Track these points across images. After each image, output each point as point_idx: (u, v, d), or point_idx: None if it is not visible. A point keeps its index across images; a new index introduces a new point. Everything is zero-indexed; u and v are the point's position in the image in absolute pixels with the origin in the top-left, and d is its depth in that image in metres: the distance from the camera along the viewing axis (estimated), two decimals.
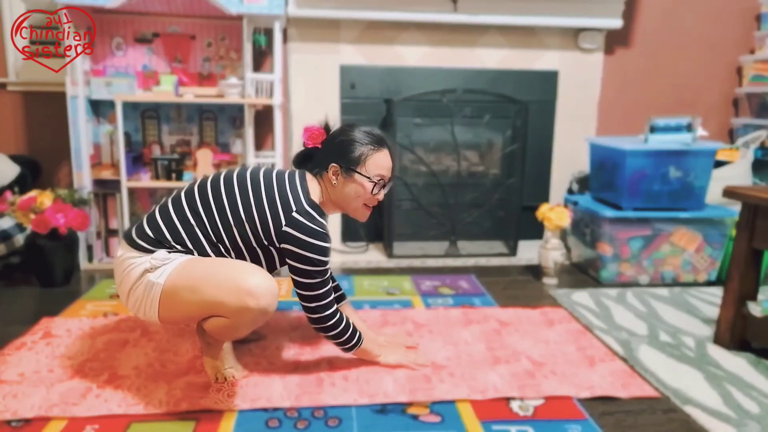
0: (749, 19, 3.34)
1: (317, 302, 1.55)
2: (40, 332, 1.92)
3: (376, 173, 1.60)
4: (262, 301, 1.41)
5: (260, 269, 1.48)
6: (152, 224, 1.53)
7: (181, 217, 1.52)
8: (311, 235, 1.49)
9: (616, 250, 2.54)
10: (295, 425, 1.42)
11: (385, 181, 1.62)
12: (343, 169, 1.58)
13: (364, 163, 1.58)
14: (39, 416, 1.42)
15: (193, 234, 1.51)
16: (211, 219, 1.52)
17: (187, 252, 1.51)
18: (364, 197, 1.62)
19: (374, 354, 1.70)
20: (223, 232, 1.52)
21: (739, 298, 1.89)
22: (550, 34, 3.10)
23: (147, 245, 1.49)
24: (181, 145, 2.91)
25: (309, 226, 1.49)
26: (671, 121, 2.54)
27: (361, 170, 1.58)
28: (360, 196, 1.61)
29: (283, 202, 1.51)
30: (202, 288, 1.43)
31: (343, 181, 1.60)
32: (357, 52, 3.00)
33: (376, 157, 1.59)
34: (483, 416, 1.47)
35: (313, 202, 1.54)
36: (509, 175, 3.00)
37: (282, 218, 1.50)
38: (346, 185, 1.60)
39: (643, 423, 1.48)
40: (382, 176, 1.61)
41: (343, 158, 1.58)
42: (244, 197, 1.52)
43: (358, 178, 1.58)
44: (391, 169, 1.64)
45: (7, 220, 2.52)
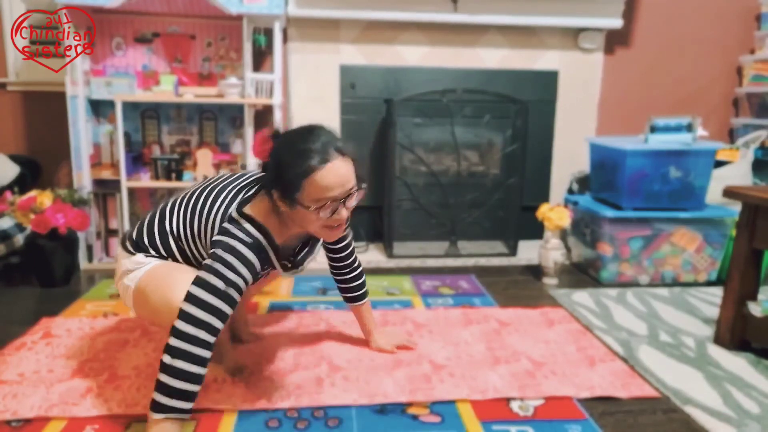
0: (749, 19, 3.34)
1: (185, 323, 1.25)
2: (40, 332, 1.92)
3: (317, 198, 1.27)
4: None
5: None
6: (138, 228, 1.53)
7: (159, 223, 1.48)
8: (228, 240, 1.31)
9: (616, 250, 2.54)
10: (295, 425, 1.42)
11: (335, 202, 1.29)
12: (282, 198, 1.30)
13: (301, 190, 1.26)
14: (39, 416, 1.42)
15: (166, 241, 1.45)
16: (179, 227, 1.44)
17: (161, 257, 1.47)
18: (316, 222, 1.32)
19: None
20: (186, 242, 1.44)
21: (740, 298, 1.89)
22: (550, 34, 3.10)
23: (131, 247, 1.49)
24: (181, 145, 2.91)
25: (229, 231, 1.32)
26: (671, 121, 2.54)
27: (299, 197, 1.27)
28: (309, 222, 1.32)
29: (223, 213, 1.36)
30: (151, 296, 1.37)
31: (288, 207, 1.31)
32: (357, 52, 3.00)
33: (315, 179, 1.25)
34: (483, 416, 1.47)
35: (245, 214, 1.35)
36: (509, 175, 3.00)
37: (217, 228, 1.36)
38: (292, 212, 1.32)
39: (643, 423, 1.48)
40: (329, 199, 1.28)
41: (278, 183, 1.29)
42: (202, 207, 1.41)
43: (301, 210, 1.30)
44: (347, 184, 1.30)
45: (7, 220, 2.52)
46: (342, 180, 1.28)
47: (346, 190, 1.30)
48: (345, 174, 1.29)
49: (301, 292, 2.38)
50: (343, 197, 1.30)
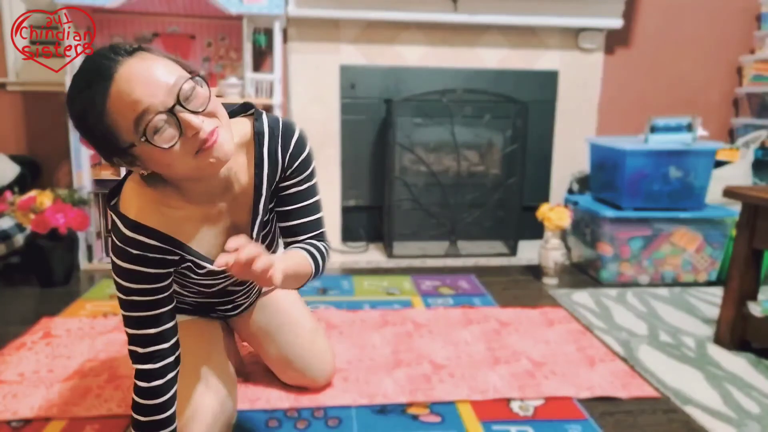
0: (749, 19, 3.34)
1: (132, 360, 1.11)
2: (40, 332, 1.92)
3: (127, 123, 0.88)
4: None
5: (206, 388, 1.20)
6: None
7: None
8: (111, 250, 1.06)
9: (616, 250, 2.54)
10: (295, 425, 1.42)
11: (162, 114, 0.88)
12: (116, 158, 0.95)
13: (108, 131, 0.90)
14: (39, 416, 1.42)
15: None
16: None
17: None
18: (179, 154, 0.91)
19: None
20: None
21: (740, 298, 1.89)
22: (550, 34, 3.10)
23: None
24: None
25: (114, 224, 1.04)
26: (671, 121, 2.54)
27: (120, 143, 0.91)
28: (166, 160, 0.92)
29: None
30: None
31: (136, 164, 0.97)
32: (357, 52, 3.00)
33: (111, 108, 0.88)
34: (483, 416, 1.47)
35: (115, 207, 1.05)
36: (509, 175, 3.00)
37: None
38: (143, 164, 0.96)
39: (643, 423, 1.48)
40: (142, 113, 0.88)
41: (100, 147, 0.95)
42: None
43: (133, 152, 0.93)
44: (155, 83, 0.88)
45: (7, 220, 2.51)
46: (146, 81, 0.88)
47: (167, 89, 0.89)
48: (146, 73, 0.88)
49: (301, 292, 2.38)
50: (171, 102, 0.89)
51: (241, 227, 1.15)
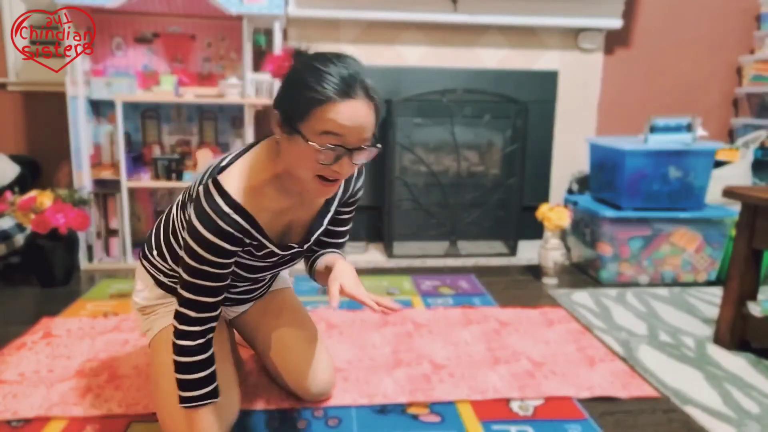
0: (749, 19, 3.34)
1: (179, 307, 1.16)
2: (40, 332, 1.92)
3: (323, 130, 1.03)
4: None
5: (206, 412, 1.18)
6: (149, 234, 1.42)
7: (165, 221, 1.35)
8: (197, 215, 1.10)
9: (616, 250, 2.54)
10: (295, 425, 1.42)
11: (342, 145, 1.04)
12: (284, 121, 1.08)
13: (308, 116, 1.03)
14: (39, 416, 1.42)
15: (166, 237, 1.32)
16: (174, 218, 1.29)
17: (170, 275, 1.34)
18: (311, 166, 1.07)
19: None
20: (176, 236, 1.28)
21: (739, 298, 1.89)
22: (550, 34, 3.10)
23: (145, 263, 1.39)
24: (181, 145, 2.91)
25: (200, 204, 1.10)
26: (671, 121, 2.54)
27: (303, 127, 1.04)
28: (304, 163, 1.07)
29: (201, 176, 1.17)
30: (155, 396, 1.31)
31: (286, 138, 1.08)
32: (357, 52, 2.98)
33: (328, 111, 1.02)
34: (483, 416, 1.47)
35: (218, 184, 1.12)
36: (509, 175, 3.00)
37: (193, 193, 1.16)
38: (289, 146, 1.09)
39: (643, 423, 1.48)
40: (335, 135, 1.03)
41: (285, 103, 1.08)
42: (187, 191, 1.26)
43: (299, 139, 1.06)
44: (359, 131, 1.05)
45: (7, 220, 2.52)
46: (358, 123, 1.04)
47: (359, 138, 1.06)
48: (364, 118, 1.05)
49: (301, 292, 2.38)
50: (353, 146, 1.06)
51: (300, 227, 1.29)
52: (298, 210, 1.25)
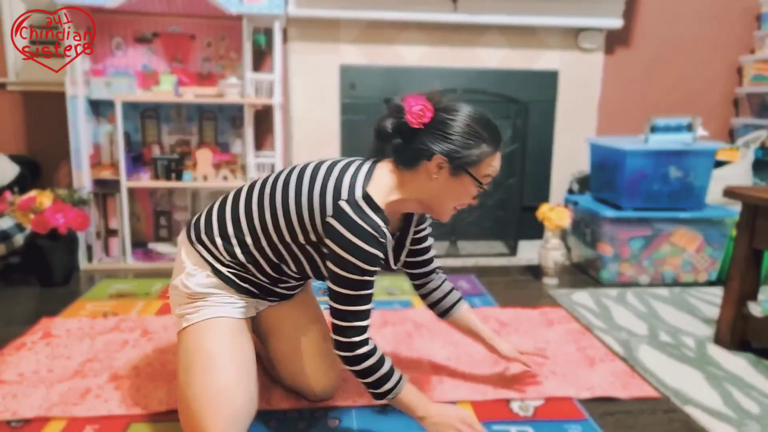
0: (749, 19, 3.34)
1: (347, 321, 1.25)
2: (40, 332, 1.92)
3: (486, 174, 1.33)
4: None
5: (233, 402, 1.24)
6: (206, 215, 1.40)
7: (233, 210, 1.36)
8: (354, 232, 1.22)
9: (616, 250, 2.54)
10: (295, 425, 1.42)
11: (487, 182, 1.36)
12: (453, 166, 1.28)
13: (480, 163, 1.29)
14: (38, 416, 1.42)
15: (239, 230, 1.34)
16: (261, 211, 1.33)
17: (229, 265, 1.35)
18: (458, 198, 1.35)
19: (416, 410, 1.30)
20: (270, 226, 1.31)
21: (740, 298, 1.89)
22: (550, 34, 3.10)
23: (193, 238, 1.37)
24: (181, 145, 2.91)
25: (353, 220, 1.22)
26: (671, 121, 2.54)
27: (475, 172, 1.30)
28: (460, 197, 1.34)
29: (335, 189, 1.26)
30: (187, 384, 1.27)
31: (446, 177, 1.29)
32: (357, 52, 3.00)
33: (494, 157, 1.32)
34: (483, 416, 1.47)
35: (369, 196, 1.26)
36: (509, 175, 3.00)
37: (328, 207, 1.25)
38: (448, 183, 1.30)
39: (644, 423, 1.48)
40: (489, 177, 1.35)
41: (457, 153, 1.27)
42: (297, 187, 1.30)
43: (467, 179, 1.30)
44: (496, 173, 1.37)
45: (7, 220, 2.51)
46: (498, 168, 1.36)
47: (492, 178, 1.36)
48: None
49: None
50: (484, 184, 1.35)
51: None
52: (395, 229, 1.44)
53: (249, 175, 2.75)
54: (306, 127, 3.02)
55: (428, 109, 1.30)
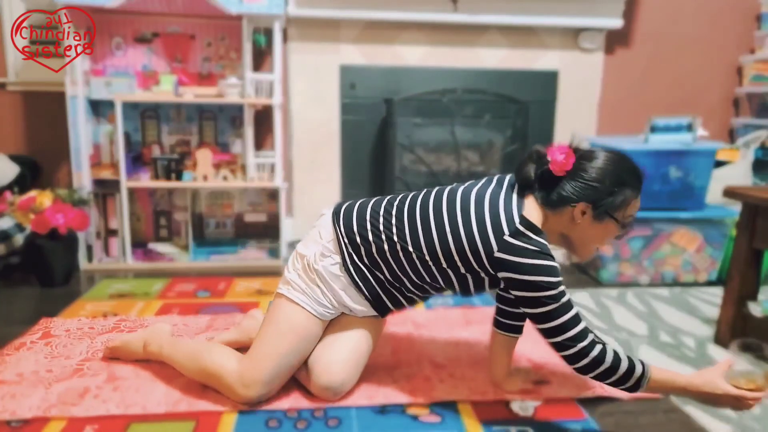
0: (749, 19, 3.34)
1: (563, 334, 1.29)
2: (39, 332, 1.92)
3: (629, 215, 1.37)
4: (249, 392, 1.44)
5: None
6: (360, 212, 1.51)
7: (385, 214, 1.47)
8: (530, 256, 1.30)
9: (617, 250, 2.54)
10: (295, 425, 1.42)
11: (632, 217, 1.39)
12: (596, 212, 1.34)
13: (624, 207, 1.35)
14: (37, 416, 1.42)
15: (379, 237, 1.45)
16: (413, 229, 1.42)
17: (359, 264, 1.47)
18: (605, 240, 1.41)
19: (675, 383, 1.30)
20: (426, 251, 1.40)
21: (740, 298, 1.89)
22: (550, 34, 3.10)
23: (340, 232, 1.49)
24: (181, 145, 2.91)
25: (525, 248, 1.30)
26: (671, 121, 2.54)
27: (619, 216, 1.35)
28: (602, 239, 1.40)
29: (494, 224, 1.33)
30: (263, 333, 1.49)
31: (589, 222, 1.36)
32: (357, 52, 3.00)
33: (637, 201, 1.37)
34: (483, 417, 1.47)
35: (528, 222, 1.33)
36: None
37: (493, 243, 1.32)
38: (592, 227, 1.37)
39: (644, 423, 1.48)
40: (632, 218, 1.39)
41: (602, 200, 1.33)
42: (451, 214, 1.39)
43: (610, 222, 1.36)
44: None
45: (7, 220, 2.51)
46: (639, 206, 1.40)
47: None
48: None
49: None
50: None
51: None
52: None
53: (249, 175, 2.75)
54: (306, 127, 3.02)
55: (571, 156, 1.35)
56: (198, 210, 2.96)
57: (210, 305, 2.22)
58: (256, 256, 2.86)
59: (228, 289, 2.40)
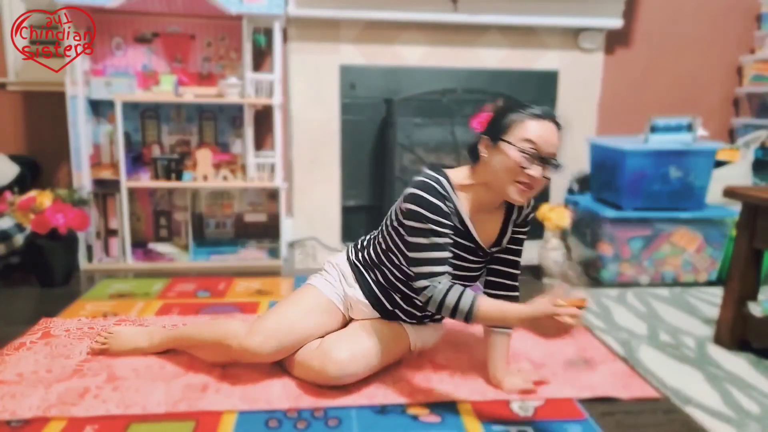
0: (749, 19, 3.34)
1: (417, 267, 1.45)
2: (39, 332, 1.92)
3: (523, 138, 1.40)
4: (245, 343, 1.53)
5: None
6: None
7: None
8: (411, 186, 1.47)
9: (617, 250, 2.54)
10: (295, 425, 1.42)
11: (536, 152, 1.41)
12: (492, 139, 1.45)
13: (510, 129, 1.42)
14: (37, 416, 1.42)
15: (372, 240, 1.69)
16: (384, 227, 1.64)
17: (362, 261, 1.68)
18: (512, 171, 1.42)
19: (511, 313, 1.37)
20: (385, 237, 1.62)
21: (740, 298, 1.89)
22: (550, 33, 3.10)
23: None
24: (181, 145, 2.91)
25: (416, 180, 1.48)
26: (671, 121, 2.54)
27: (507, 137, 1.42)
28: (507, 168, 1.42)
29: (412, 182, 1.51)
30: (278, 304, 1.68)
31: (490, 153, 1.46)
32: (357, 52, 3.00)
33: (528, 125, 1.42)
34: (483, 417, 1.47)
35: (442, 174, 1.51)
36: None
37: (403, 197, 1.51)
38: (493, 157, 1.45)
39: (644, 423, 1.48)
40: (532, 144, 1.40)
41: (492, 128, 1.46)
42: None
43: (503, 146, 1.42)
44: (551, 145, 1.44)
45: (7, 220, 2.51)
46: (548, 138, 1.44)
47: (549, 151, 1.45)
48: (552, 136, 1.46)
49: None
50: (543, 155, 1.43)
51: (487, 237, 1.59)
52: (486, 222, 1.57)
53: (249, 175, 2.75)
54: (306, 127, 3.02)
55: (487, 116, 1.51)
56: (198, 210, 2.96)
57: (210, 305, 2.22)
58: (256, 256, 2.86)
59: (228, 289, 2.40)
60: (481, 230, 1.56)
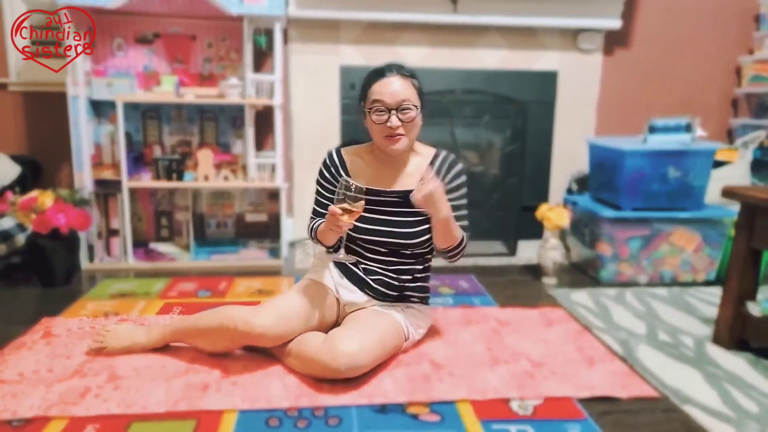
0: (748, 19, 3.35)
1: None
2: (41, 332, 1.92)
3: (372, 100, 1.64)
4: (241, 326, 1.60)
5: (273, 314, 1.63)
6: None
7: None
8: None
9: (616, 250, 2.55)
10: (295, 424, 1.42)
11: (383, 106, 1.61)
12: (361, 105, 1.70)
13: (366, 98, 1.66)
14: (38, 416, 1.42)
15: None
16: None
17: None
18: (378, 129, 1.65)
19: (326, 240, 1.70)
20: None
21: (738, 298, 1.90)
22: (549, 34, 3.10)
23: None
24: (182, 146, 2.92)
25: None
26: (670, 122, 2.55)
27: (365, 105, 1.67)
28: (374, 129, 1.67)
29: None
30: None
31: (365, 119, 1.70)
32: (357, 53, 3.00)
33: (374, 87, 1.64)
34: (483, 416, 1.48)
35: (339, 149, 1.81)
36: (509, 175, 3.01)
37: None
38: (367, 121, 1.68)
39: (643, 423, 1.48)
40: (379, 102, 1.62)
41: (359, 102, 1.71)
42: None
43: (366, 112, 1.66)
44: (395, 95, 1.61)
45: (8, 220, 2.52)
46: (390, 90, 1.62)
47: (396, 100, 1.61)
48: (396, 87, 1.62)
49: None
50: (394, 107, 1.61)
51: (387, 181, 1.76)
52: (385, 171, 1.76)
53: (250, 176, 2.76)
54: (306, 128, 3.03)
55: None
56: (199, 210, 2.97)
57: (211, 305, 2.22)
58: (256, 255, 2.87)
59: (229, 289, 2.41)
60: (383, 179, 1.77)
